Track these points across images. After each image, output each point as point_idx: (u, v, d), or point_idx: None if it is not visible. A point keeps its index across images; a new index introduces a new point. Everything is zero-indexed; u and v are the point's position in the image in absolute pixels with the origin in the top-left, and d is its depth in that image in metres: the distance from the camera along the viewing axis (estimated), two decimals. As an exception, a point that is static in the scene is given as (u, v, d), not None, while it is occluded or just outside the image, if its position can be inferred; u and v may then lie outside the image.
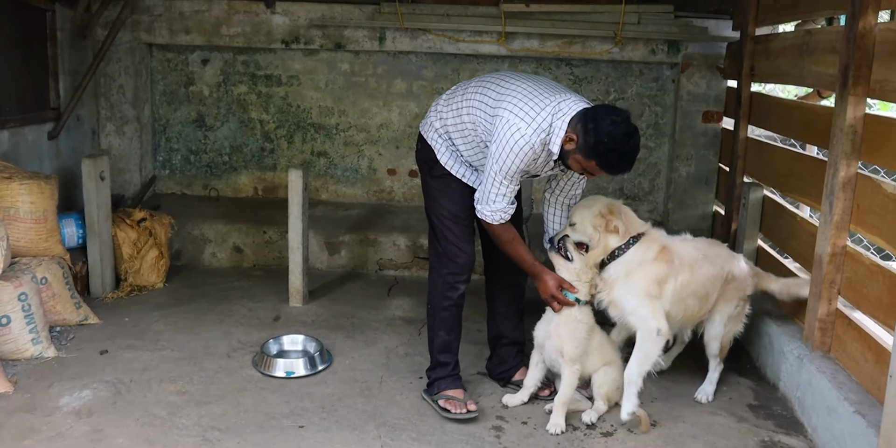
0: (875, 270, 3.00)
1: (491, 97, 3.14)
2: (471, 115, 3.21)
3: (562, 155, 3.06)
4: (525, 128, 2.99)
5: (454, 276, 3.36)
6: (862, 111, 3.15)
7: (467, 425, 3.21)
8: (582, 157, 3.00)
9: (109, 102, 5.66)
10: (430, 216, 3.45)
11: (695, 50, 5.29)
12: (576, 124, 2.98)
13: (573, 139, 2.98)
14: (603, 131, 2.91)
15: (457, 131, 3.29)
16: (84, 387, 3.41)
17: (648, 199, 5.73)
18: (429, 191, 3.44)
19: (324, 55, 5.73)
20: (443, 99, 3.39)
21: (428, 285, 3.48)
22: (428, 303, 3.49)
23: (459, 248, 3.36)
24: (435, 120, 3.38)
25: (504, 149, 3.02)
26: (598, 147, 2.93)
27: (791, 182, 3.97)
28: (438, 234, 3.39)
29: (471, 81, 3.35)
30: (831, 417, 3.03)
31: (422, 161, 3.46)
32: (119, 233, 4.62)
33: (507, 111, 3.04)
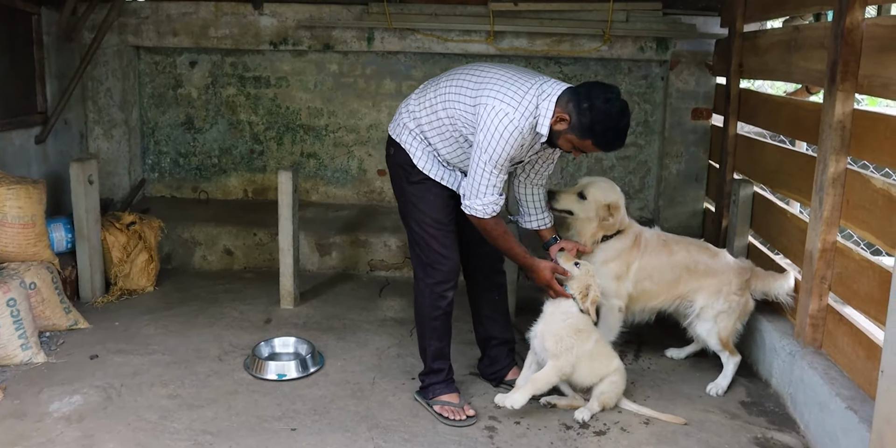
0: (865, 266, 3.00)
1: (469, 88, 3.08)
2: (448, 109, 3.13)
3: (551, 136, 3.06)
4: (513, 112, 2.96)
5: (441, 284, 3.29)
6: (850, 107, 3.15)
7: (461, 426, 3.20)
8: (576, 137, 3.01)
9: (97, 106, 5.63)
10: (408, 224, 3.34)
11: (683, 47, 5.29)
12: (566, 104, 2.98)
13: (565, 119, 2.99)
14: (599, 110, 2.93)
15: (433, 129, 3.20)
16: (74, 392, 3.39)
17: (639, 197, 5.73)
18: (406, 197, 3.31)
19: (312, 56, 5.71)
20: (412, 98, 3.30)
21: (415, 295, 3.39)
22: (416, 312, 3.41)
23: (444, 255, 3.27)
24: (408, 120, 3.27)
25: (493, 136, 2.96)
26: (595, 126, 2.95)
27: (781, 178, 3.97)
28: (420, 242, 3.30)
29: (440, 77, 3.27)
30: (823, 413, 3.03)
31: (397, 166, 3.33)
32: (108, 237, 4.59)
33: (491, 98, 2.99)
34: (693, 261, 3.67)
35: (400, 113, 3.34)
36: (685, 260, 3.67)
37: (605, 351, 3.36)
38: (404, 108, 3.32)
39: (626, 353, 4.00)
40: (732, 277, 3.63)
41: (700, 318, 3.64)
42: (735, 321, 3.65)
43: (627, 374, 3.69)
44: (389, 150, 3.38)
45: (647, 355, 4.01)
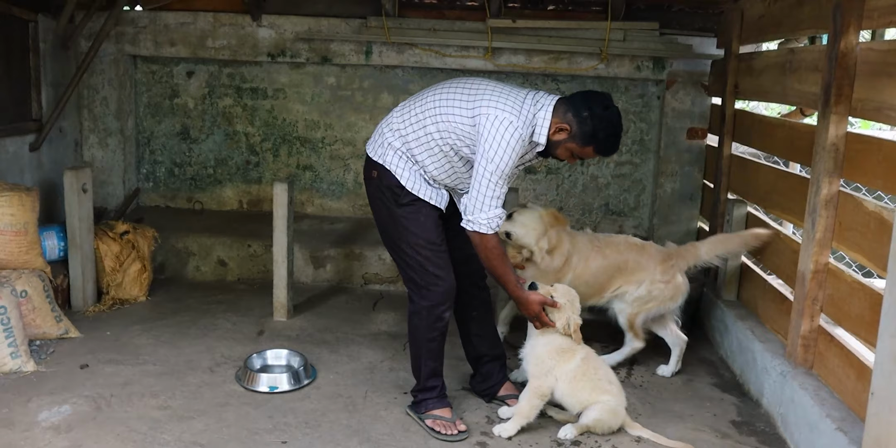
0: (857, 287, 3.02)
1: (464, 100, 3.08)
2: (439, 123, 3.10)
3: (548, 146, 3.11)
4: (515, 120, 2.99)
5: (439, 306, 3.26)
6: (844, 129, 3.18)
7: (452, 442, 3.19)
8: (577, 145, 3.09)
9: (93, 114, 5.63)
10: (399, 247, 3.26)
11: (680, 67, 5.33)
12: (564, 114, 3.05)
13: (564, 129, 3.05)
14: (600, 117, 3.03)
15: (420, 146, 3.16)
16: (63, 401, 3.37)
17: (634, 215, 5.75)
18: (396, 220, 3.23)
19: (310, 68, 5.73)
20: (395, 115, 3.24)
21: (410, 316, 3.35)
22: (411, 333, 3.37)
23: (439, 276, 3.23)
24: (392, 139, 3.20)
25: (499, 144, 2.96)
26: (598, 133, 3.04)
27: (774, 199, 4.00)
28: (414, 264, 3.23)
29: (422, 93, 3.23)
30: (813, 434, 3.04)
31: (382, 189, 3.23)
32: (101, 246, 4.58)
33: (491, 108, 3.01)
34: (623, 260, 3.91)
35: (381, 133, 3.26)
36: (616, 261, 3.91)
37: (593, 376, 3.26)
38: (386, 127, 3.25)
39: (619, 371, 4.00)
40: (657, 267, 3.91)
41: (618, 298, 3.95)
42: (650, 306, 3.94)
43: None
44: (371, 173, 3.27)
45: (639, 373, 4.01)
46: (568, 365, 3.22)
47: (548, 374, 3.21)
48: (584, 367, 3.24)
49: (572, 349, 3.25)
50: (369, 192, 3.34)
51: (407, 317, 3.38)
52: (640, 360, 4.18)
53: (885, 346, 2.11)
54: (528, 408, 3.23)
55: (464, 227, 3.11)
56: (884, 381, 2.11)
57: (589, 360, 3.28)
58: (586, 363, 3.26)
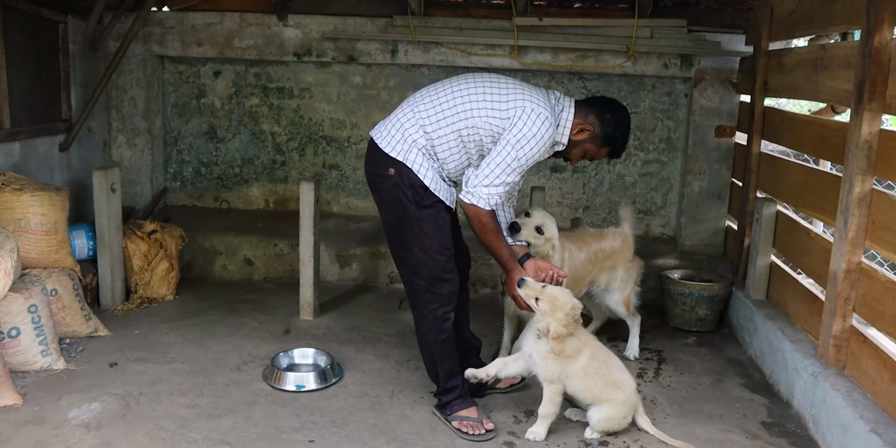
0: (890, 287, 2.96)
1: (497, 95, 3.09)
2: (472, 118, 3.06)
3: (567, 145, 3.21)
4: (550, 116, 3.05)
5: (443, 307, 3.25)
6: (877, 127, 3.13)
7: (480, 441, 3.18)
8: (596, 146, 3.23)
9: (121, 114, 5.68)
10: (411, 250, 3.19)
11: (708, 64, 5.27)
12: (586, 116, 3.17)
13: (587, 130, 3.16)
14: (619, 121, 3.20)
15: (444, 143, 3.11)
16: (93, 399, 3.40)
17: (661, 214, 5.70)
18: (415, 222, 3.14)
19: (336, 68, 5.74)
20: (422, 110, 3.12)
21: (417, 323, 3.34)
22: (421, 340, 3.37)
23: (446, 279, 3.22)
24: (418, 135, 3.10)
25: (533, 135, 3.00)
26: (618, 136, 3.21)
27: (805, 197, 3.94)
28: (423, 268, 3.19)
29: (448, 87, 3.16)
30: (846, 436, 2.99)
31: (404, 188, 3.11)
32: (129, 245, 4.62)
33: (528, 101, 3.05)
34: (595, 250, 4.00)
35: (402, 127, 3.14)
36: (591, 253, 3.99)
37: (605, 372, 3.21)
38: (408, 121, 3.13)
39: (647, 370, 3.97)
40: (624, 250, 4.11)
41: (608, 291, 4.11)
42: (633, 285, 4.15)
43: (648, 391, 3.68)
44: (386, 170, 3.14)
45: (667, 373, 3.97)
46: (576, 365, 3.15)
47: (559, 377, 3.17)
48: (594, 365, 3.18)
49: (577, 351, 3.16)
50: (383, 189, 3.20)
51: (414, 324, 3.38)
52: (667, 360, 4.15)
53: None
54: (551, 410, 3.21)
55: (460, 199, 3.10)
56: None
57: (597, 357, 3.22)
58: (595, 360, 3.19)
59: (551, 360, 3.15)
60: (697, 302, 4.51)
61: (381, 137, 3.20)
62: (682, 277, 4.74)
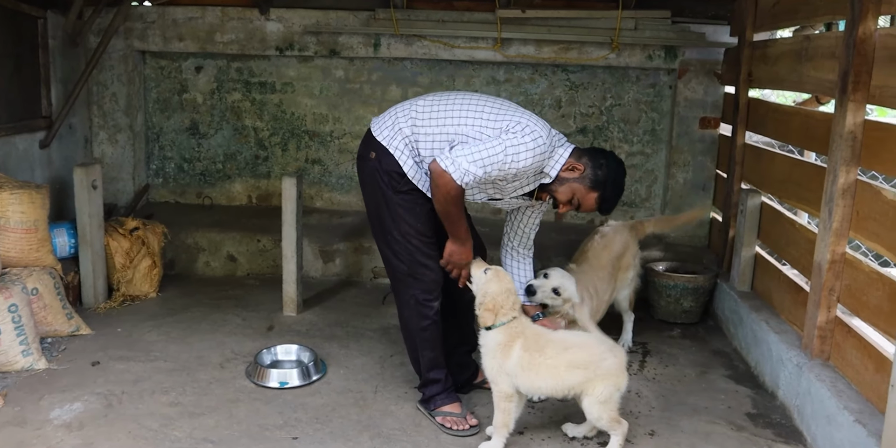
0: (875, 278, 2.96)
1: (493, 113, 3.05)
2: (460, 125, 3.04)
3: (554, 181, 3.12)
4: (541, 131, 2.98)
5: (425, 293, 3.23)
6: (862, 117, 3.12)
7: (464, 437, 3.17)
8: (584, 188, 3.11)
9: (102, 110, 5.62)
10: (390, 233, 3.19)
11: (692, 56, 5.26)
12: (580, 157, 3.11)
13: (578, 168, 3.09)
14: (613, 169, 3.12)
15: (429, 141, 3.09)
16: (75, 399, 3.36)
17: (645, 206, 5.69)
18: (391, 207, 3.16)
19: (318, 62, 5.70)
20: (417, 107, 3.14)
21: (399, 310, 3.33)
22: (403, 326, 3.35)
23: (427, 265, 3.20)
24: (405, 125, 3.12)
25: (523, 143, 2.92)
26: (608, 183, 3.11)
27: (789, 188, 3.94)
28: (403, 252, 3.19)
29: (451, 96, 3.17)
30: (831, 426, 2.99)
31: (381, 172, 3.14)
32: (111, 242, 4.57)
33: (524, 120, 3.00)
34: (611, 259, 3.94)
35: (395, 116, 3.17)
36: (610, 268, 3.92)
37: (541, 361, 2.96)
38: (402, 113, 3.16)
39: (632, 363, 3.96)
40: (632, 246, 4.09)
41: (618, 289, 4.05)
42: (637, 278, 4.17)
43: (633, 383, 3.67)
44: (369, 154, 3.17)
45: (652, 365, 3.97)
46: (510, 360, 2.97)
47: (499, 375, 3.01)
48: (527, 357, 2.95)
49: (510, 342, 2.98)
50: (365, 171, 3.23)
51: (397, 310, 3.36)
52: (652, 352, 4.14)
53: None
54: (503, 417, 3.02)
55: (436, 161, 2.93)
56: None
57: (529, 347, 2.97)
58: (526, 351, 2.96)
59: (488, 357, 3.04)
60: (682, 294, 4.51)
61: (375, 122, 3.25)
62: (666, 269, 4.73)
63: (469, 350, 3.61)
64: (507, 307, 3.02)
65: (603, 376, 2.93)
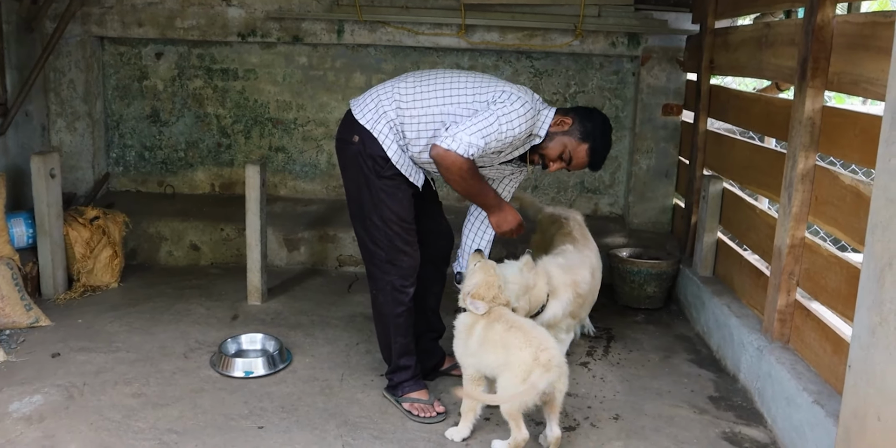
0: (833, 261, 3.01)
1: (477, 86, 3.07)
2: (445, 105, 3.03)
3: (544, 139, 3.15)
4: (530, 101, 3.01)
5: (402, 279, 3.22)
6: (820, 103, 3.16)
7: (430, 424, 3.17)
8: (574, 140, 3.14)
9: (60, 98, 5.51)
10: (369, 218, 3.16)
11: (655, 43, 5.29)
12: (566, 112, 3.17)
13: (566, 122, 3.13)
14: (600, 121, 3.18)
15: (415, 124, 3.07)
16: (35, 391, 3.31)
17: (609, 193, 5.73)
18: (373, 192, 3.12)
19: (281, 48, 5.63)
20: (400, 87, 3.11)
21: (372, 293, 3.31)
22: (376, 311, 3.33)
23: (406, 252, 3.20)
24: (390, 108, 3.08)
25: (513, 110, 2.93)
26: (597, 133, 3.15)
27: (750, 174, 3.99)
28: (382, 238, 3.17)
29: (432, 75, 3.15)
30: (790, 408, 3.05)
31: (365, 156, 3.10)
32: (71, 232, 4.49)
33: (507, 89, 3.03)
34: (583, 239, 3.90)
35: (377, 98, 3.12)
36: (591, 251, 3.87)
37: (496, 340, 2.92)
38: (385, 94, 3.11)
39: (596, 348, 4.00)
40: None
41: None
42: None
43: (598, 368, 3.71)
44: (351, 138, 3.13)
45: (616, 350, 4.01)
46: (472, 339, 3.00)
47: (465, 357, 3.04)
48: (485, 334, 2.96)
49: (474, 323, 3.02)
50: (345, 155, 3.20)
51: (371, 297, 3.34)
52: (616, 337, 4.18)
53: (862, 318, 2.10)
54: (469, 401, 3.05)
55: (436, 145, 2.92)
56: (861, 354, 2.10)
57: (491, 327, 2.96)
58: (486, 330, 2.96)
59: (457, 339, 3.09)
60: (646, 279, 4.55)
61: (356, 105, 3.20)
62: (630, 255, 4.77)
63: (436, 337, 3.62)
64: (488, 299, 3.04)
65: (516, 365, 2.80)
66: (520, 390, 2.74)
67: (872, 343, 2.04)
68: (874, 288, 2.03)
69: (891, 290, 1.95)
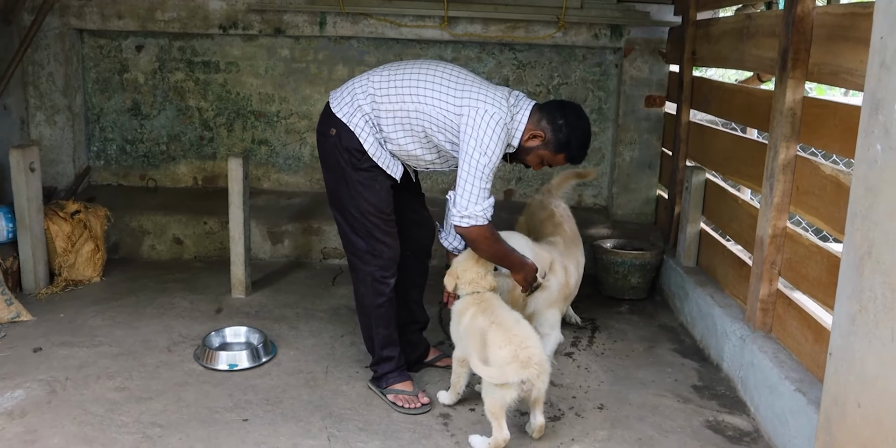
0: (814, 251, 3.04)
1: (451, 88, 3.03)
2: (420, 103, 3.03)
3: (518, 151, 3.13)
4: (500, 113, 2.98)
5: (382, 270, 3.23)
6: (801, 94, 3.18)
7: (415, 415, 3.18)
8: (549, 153, 3.14)
9: (39, 91, 5.45)
10: (348, 210, 3.18)
11: (637, 34, 5.29)
12: (538, 121, 3.09)
13: (539, 136, 3.09)
14: (574, 126, 3.11)
15: (391, 118, 3.07)
16: (17, 386, 3.28)
17: (593, 184, 5.74)
18: (350, 184, 3.13)
19: (263, 41, 5.60)
20: (374, 81, 3.10)
21: (354, 284, 3.31)
22: (358, 302, 3.34)
23: (385, 242, 3.20)
24: (365, 102, 3.08)
25: (490, 137, 2.94)
26: (572, 142, 3.11)
27: (732, 165, 4.01)
28: (361, 230, 3.18)
29: (408, 66, 3.13)
30: (773, 396, 3.07)
31: (341, 149, 3.11)
32: (52, 226, 4.46)
33: (481, 102, 2.98)
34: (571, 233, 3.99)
35: (353, 92, 3.12)
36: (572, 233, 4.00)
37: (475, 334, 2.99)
38: (360, 88, 3.11)
39: (581, 339, 4.02)
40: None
41: None
42: None
43: (582, 359, 3.73)
44: (328, 129, 3.14)
45: (601, 341, 4.03)
46: (461, 326, 3.10)
47: (454, 337, 3.19)
48: (471, 323, 3.03)
49: (464, 310, 3.10)
50: (324, 148, 3.21)
51: (353, 288, 3.34)
52: (601, 328, 4.20)
53: (843, 306, 2.11)
54: (455, 378, 3.22)
55: (456, 227, 3.04)
56: (841, 342, 2.12)
57: (476, 318, 3.02)
58: (472, 320, 3.03)
59: (452, 321, 3.22)
60: (630, 270, 4.57)
61: (334, 97, 3.20)
62: (614, 246, 4.79)
63: (420, 328, 3.62)
64: (465, 281, 3.15)
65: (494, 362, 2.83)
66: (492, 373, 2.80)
67: (852, 331, 2.06)
68: (854, 276, 2.04)
69: (870, 278, 1.97)
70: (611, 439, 3.05)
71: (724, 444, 3.05)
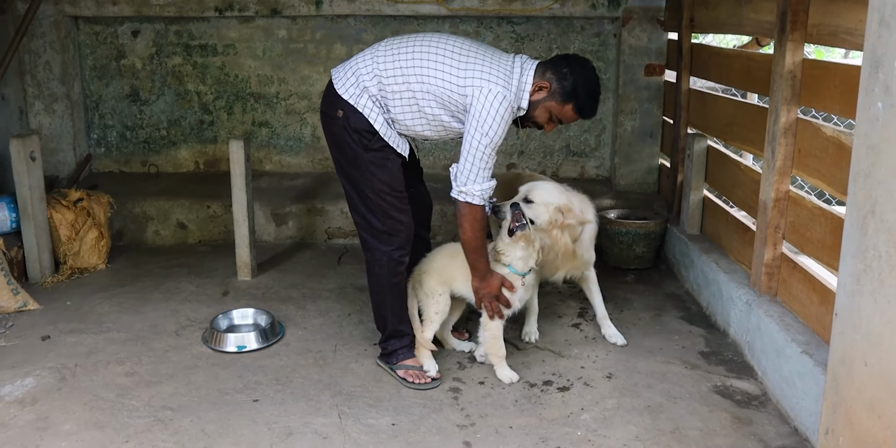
0: (818, 213, 3.02)
1: (455, 67, 3.01)
2: (425, 83, 3.01)
3: (529, 108, 3.11)
4: (504, 90, 2.97)
5: (399, 250, 3.22)
6: (800, 56, 3.14)
7: (425, 390, 3.19)
8: (556, 103, 3.09)
9: (36, 80, 5.43)
10: (363, 192, 3.16)
11: (635, 3, 5.23)
12: (543, 73, 3.08)
13: (544, 87, 3.07)
14: (579, 73, 3.07)
15: (397, 98, 3.06)
16: (27, 374, 3.30)
17: (595, 155, 5.72)
18: (363, 165, 3.12)
19: (260, 22, 5.56)
20: (378, 61, 3.07)
21: (369, 265, 3.29)
22: (373, 282, 3.31)
23: (401, 221, 3.20)
24: (370, 83, 3.06)
25: (493, 119, 2.94)
26: (578, 89, 3.07)
27: (734, 131, 3.98)
28: (377, 210, 3.17)
29: (410, 43, 3.10)
30: (780, 359, 3.07)
31: (351, 131, 3.09)
32: (55, 215, 4.46)
33: (484, 80, 2.97)
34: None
35: (357, 72, 3.09)
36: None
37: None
38: (363, 68, 3.08)
39: (587, 309, 4.01)
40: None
41: None
42: None
43: (590, 329, 3.73)
44: (335, 111, 3.12)
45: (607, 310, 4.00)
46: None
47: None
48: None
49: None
50: (331, 130, 3.19)
51: (366, 267, 3.33)
52: (607, 298, 4.19)
53: (847, 266, 2.10)
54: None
55: (454, 198, 3.07)
56: (846, 301, 2.11)
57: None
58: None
59: None
60: (634, 240, 4.56)
61: (337, 78, 3.16)
62: (618, 217, 4.78)
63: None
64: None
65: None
66: None
67: (857, 290, 2.05)
68: (858, 235, 2.03)
69: (874, 237, 1.95)
70: (620, 407, 3.06)
71: (733, 408, 3.06)
